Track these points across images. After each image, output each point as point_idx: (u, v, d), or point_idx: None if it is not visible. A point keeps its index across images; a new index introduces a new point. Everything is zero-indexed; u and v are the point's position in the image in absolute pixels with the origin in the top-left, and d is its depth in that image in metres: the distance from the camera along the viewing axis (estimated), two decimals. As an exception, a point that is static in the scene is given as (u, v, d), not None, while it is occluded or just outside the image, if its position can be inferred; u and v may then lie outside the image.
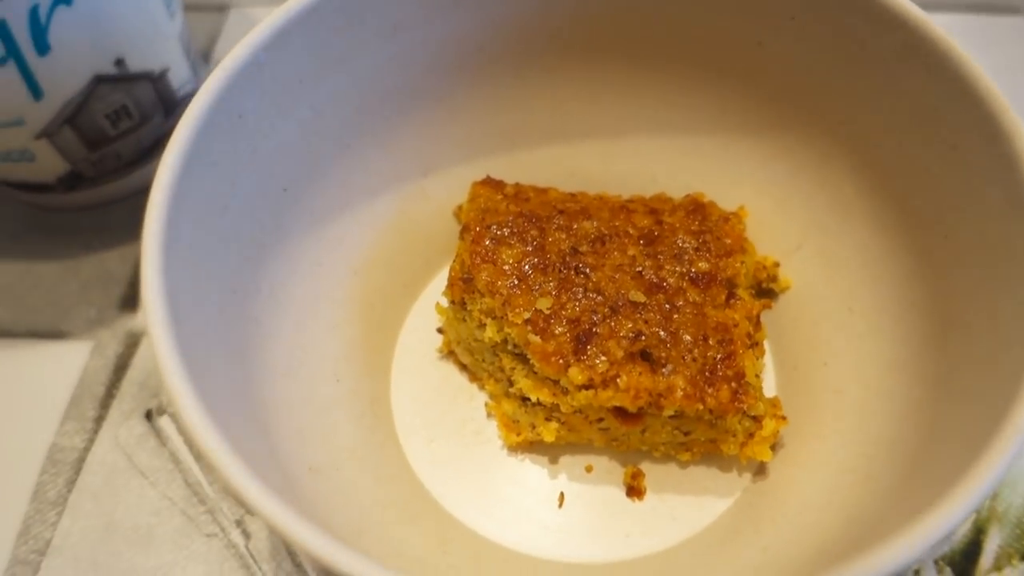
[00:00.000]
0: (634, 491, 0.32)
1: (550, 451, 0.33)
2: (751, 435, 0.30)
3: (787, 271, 0.35)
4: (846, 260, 0.33)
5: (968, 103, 0.27)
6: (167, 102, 0.39)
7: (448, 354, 0.35)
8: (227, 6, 0.50)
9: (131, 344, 0.37)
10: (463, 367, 0.35)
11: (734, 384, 0.29)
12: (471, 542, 0.31)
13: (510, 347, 0.31)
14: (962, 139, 0.27)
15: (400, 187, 0.36)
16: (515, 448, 0.33)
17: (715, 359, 0.29)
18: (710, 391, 0.29)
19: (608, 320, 0.30)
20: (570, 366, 0.29)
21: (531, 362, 0.30)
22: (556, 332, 0.30)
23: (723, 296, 0.31)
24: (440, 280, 0.37)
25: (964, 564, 0.31)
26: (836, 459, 0.30)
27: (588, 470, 0.33)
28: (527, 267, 0.31)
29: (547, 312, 0.30)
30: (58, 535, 0.32)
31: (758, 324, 0.32)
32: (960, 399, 0.26)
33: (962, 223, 0.28)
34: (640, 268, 0.31)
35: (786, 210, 0.35)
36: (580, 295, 0.30)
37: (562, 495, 0.32)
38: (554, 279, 0.31)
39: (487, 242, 0.32)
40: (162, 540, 0.32)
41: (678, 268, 0.31)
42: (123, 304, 0.38)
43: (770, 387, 0.34)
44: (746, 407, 0.29)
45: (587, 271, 0.31)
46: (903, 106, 0.29)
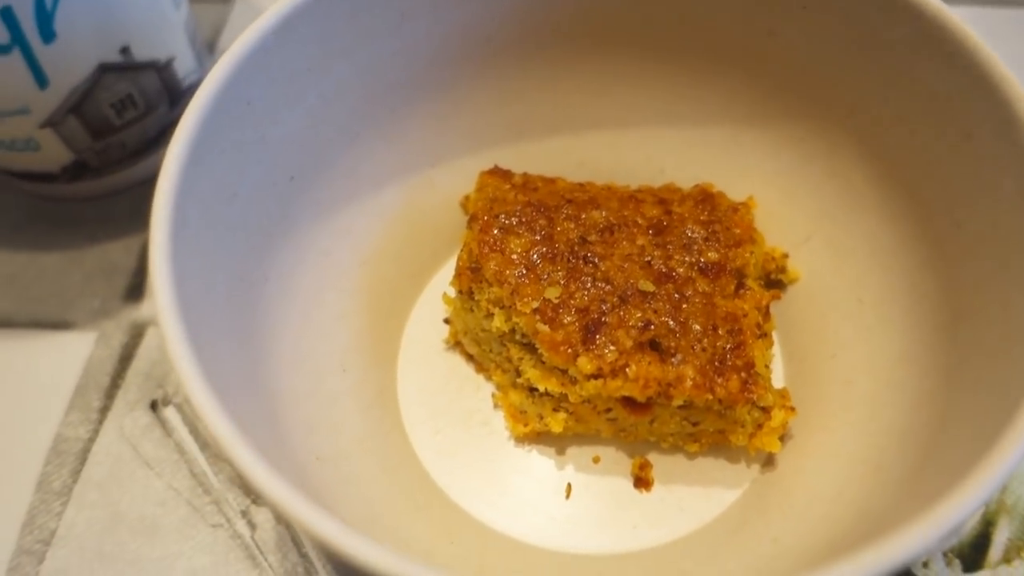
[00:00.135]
0: (642, 482, 0.32)
1: (557, 442, 0.33)
2: (760, 426, 0.30)
3: (796, 262, 0.35)
4: (855, 251, 0.33)
5: (983, 91, 0.27)
6: (172, 92, 0.38)
7: (455, 344, 0.35)
8: (231, -3, 0.50)
9: (136, 335, 0.37)
10: (470, 357, 0.35)
11: (743, 374, 0.29)
12: (478, 533, 0.31)
13: (518, 337, 0.31)
14: (976, 128, 0.27)
15: (407, 177, 0.36)
16: (522, 439, 0.33)
17: (724, 349, 0.29)
18: (719, 381, 0.29)
19: (617, 310, 0.30)
20: (579, 355, 0.29)
21: (539, 352, 0.30)
22: (565, 321, 0.29)
23: (732, 286, 0.31)
24: (447, 271, 0.36)
25: (973, 556, 0.31)
26: (845, 450, 0.30)
27: (595, 461, 0.32)
28: (535, 256, 0.31)
29: (556, 301, 0.30)
30: (63, 525, 0.32)
31: (767, 314, 0.31)
32: (971, 390, 0.26)
33: (974, 213, 0.28)
34: (649, 258, 0.31)
35: (795, 201, 0.35)
36: (589, 284, 0.30)
37: (569, 486, 0.32)
38: (563, 268, 0.31)
39: (495, 231, 0.31)
40: (167, 530, 0.32)
41: (687, 258, 0.31)
42: (127, 294, 0.38)
43: (779, 378, 0.34)
44: (755, 397, 0.29)
45: (596, 260, 0.31)
46: (915, 95, 0.29)
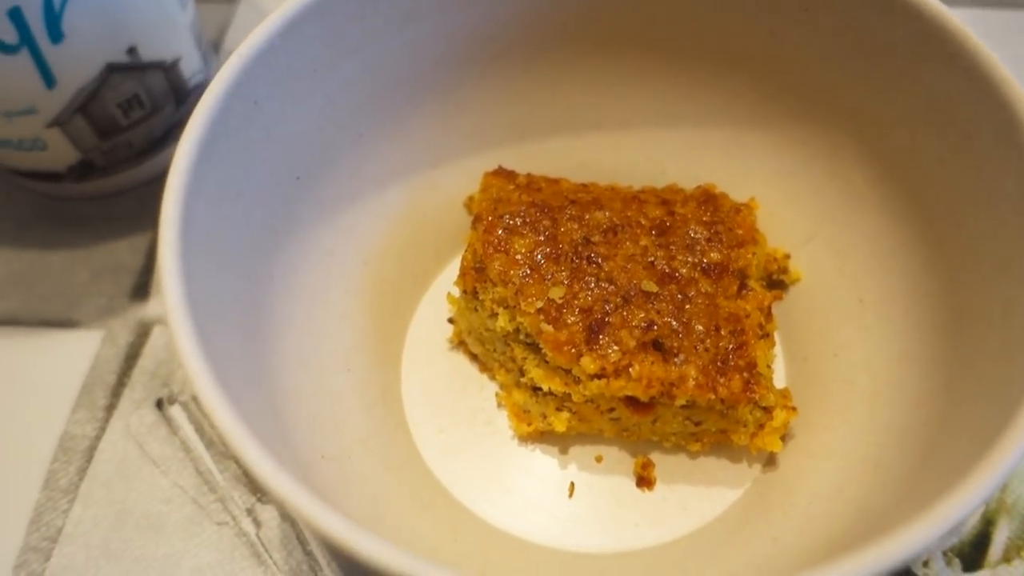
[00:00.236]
0: (644, 481, 0.32)
1: (560, 441, 0.33)
2: (761, 426, 0.30)
3: (798, 263, 0.35)
4: (857, 251, 0.33)
5: (983, 92, 0.27)
6: (179, 92, 0.39)
7: (459, 344, 0.35)
8: (237, -2, 0.50)
9: (142, 333, 0.37)
10: (474, 357, 0.35)
11: (746, 374, 0.29)
12: (481, 531, 0.31)
13: (522, 336, 0.31)
14: (976, 129, 0.27)
15: (411, 177, 0.36)
16: (525, 438, 0.33)
17: (727, 349, 0.29)
18: (722, 381, 0.29)
19: (620, 310, 0.30)
20: (582, 355, 0.29)
21: (543, 351, 0.30)
22: (568, 321, 0.30)
23: (735, 287, 0.31)
24: (450, 271, 0.37)
25: (973, 555, 0.31)
26: (846, 449, 0.30)
27: (598, 460, 0.33)
28: (539, 257, 0.31)
29: (559, 301, 0.30)
30: (70, 523, 0.32)
31: (769, 315, 0.32)
32: (971, 390, 0.26)
33: (975, 214, 0.28)
34: (652, 258, 0.31)
35: (796, 202, 0.35)
36: (592, 285, 0.30)
37: (572, 485, 0.32)
38: (566, 269, 0.31)
39: (499, 232, 0.32)
40: (173, 528, 0.32)
41: (690, 258, 0.31)
42: (134, 293, 0.38)
43: (780, 378, 0.34)
44: (757, 397, 0.29)
45: (599, 261, 0.31)
46: (916, 96, 0.29)
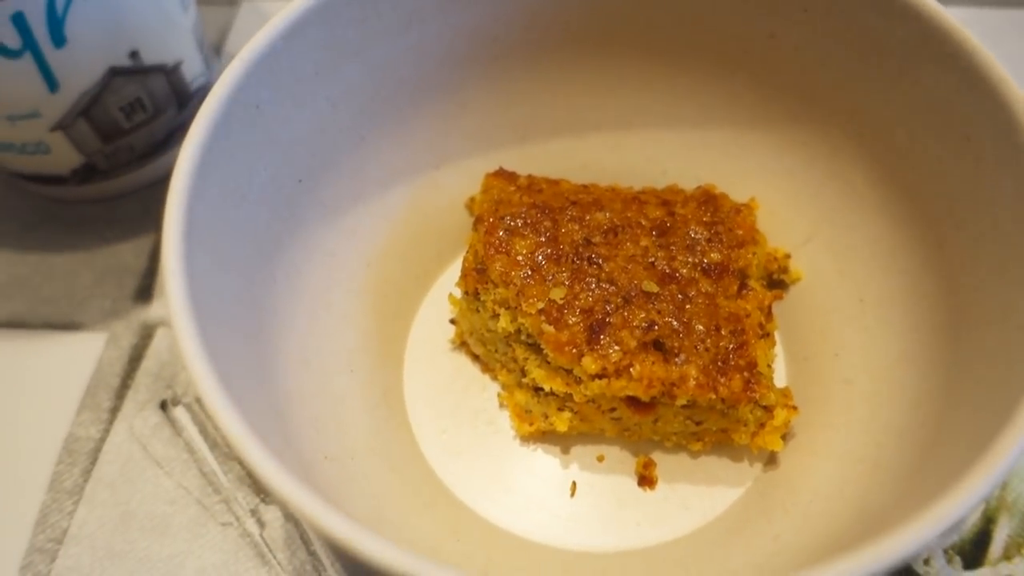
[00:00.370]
0: (645, 480, 0.32)
1: (562, 441, 0.33)
2: (762, 425, 0.31)
3: (798, 263, 0.35)
4: (857, 252, 0.33)
5: (981, 93, 0.27)
6: (180, 95, 0.39)
7: (460, 345, 0.35)
8: (238, 0, 0.50)
9: (145, 335, 0.37)
10: (475, 358, 0.35)
11: (746, 374, 0.29)
12: (483, 530, 0.31)
13: (523, 337, 0.31)
14: (975, 130, 0.28)
15: (413, 179, 0.36)
16: (527, 438, 0.33)
17: (727, 349, 0.30)
18: (722, 380, 0.29)
19: (621, 310, 0.30)
20: (583, 355, 0.29)
21: (544, 352, 0.30)
22: (569, 322, 0.30)
23: (735, 287, 0.31)
24: (452, 272, 0.37)
25: (974, 553, 0.32)
26: (846, 448, 0.30)
27: (600, 460, 0.33)
28: (540, 258, 0.31)
29: (560, 302, 0.30)
30: (75, 524, 0.32)
31: (769, 315, 0.32)
32: (970, 390, 0.27)
33: (974, 214, 0.28)
34: (653, 259, 0.31)
35: (797, 202, 0.35)
36: (593, 285, 0.31)
37: (574, 484, 0.32)
38: (567, 270, 0.31)
39: (500, 233, 0.32)
40: (177, 529, 0.32)
41: (690, 259, 0.31)
42: (137, 295, 0.39)
43: (781, 378, 0.34)
44: (758, 396, 0.29)
45: (600, 262, 0.31)
46: (915, 97, 0.30)
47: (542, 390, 0.31)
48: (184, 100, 0.39)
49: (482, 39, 0.34)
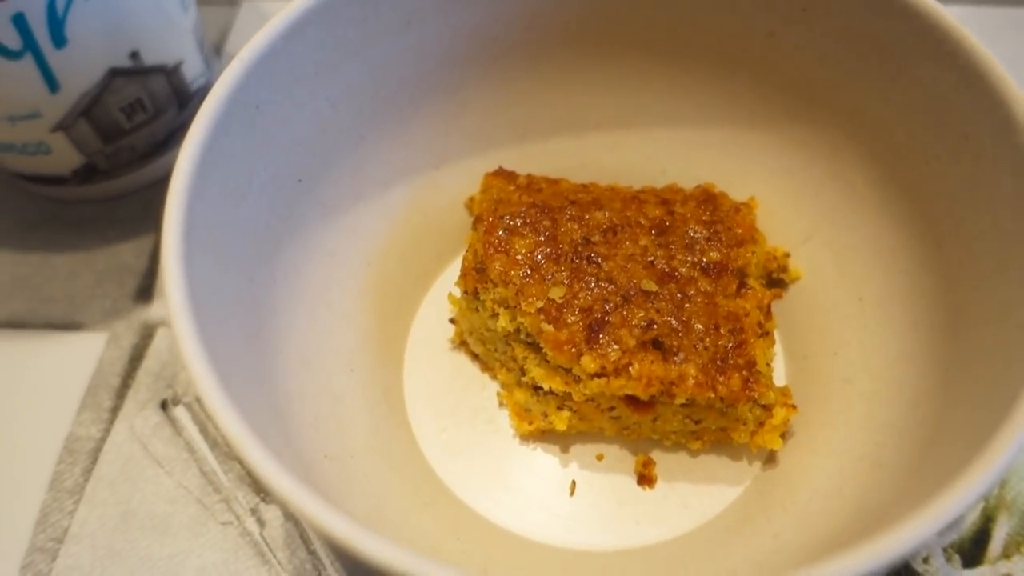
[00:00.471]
0: (645, 479, 0.32)
1: (561, 440, 0.33)
2: (761, 423, 0.31)
3: (797, 262, 0.35)
4: (856, 250, 0.33)
5: (980, 91, 0.27)
6: (181, 95, 0.39)
7: (460, 344, 0.35)
8: (238, 0, 0.50)
9: (146, 335, 0.37)
10: (475, 357, 0.35)
11: (745, 372, 0.29)
12: (483, 529, 0.31)
13: (523, 336, 0.31)
14: (973, 129, 0.28)
15: (412, 178, 0.36)
16: (527, 437, 0.33)
17: (726, 348, 0.30)
18: (721, 379, 0.29)
19: (620, 309, 0.30)
20: (582, 354, 0.29)
21: (544, 351, 0.30)
22: (569, 321, 0.30)
23: (734, 286, 0.31)
24: (452, 271, 0.37)
25: (973, 551, 0.32)
26: (845, 447, 0.30)
27: (599, 459, 0.33)
28: (540, 257, 0.31)
29: (560, 301, 0.30)
30: (75, 523, 0.33)
31: (768, 313, 0.32)
32: (969, 388, 0.27)
33: (973, 213, 0.28)
34: (652, 258, 0.31)
35: (796, 201, 0.35)
36: (592, 284, 0.31)
37: (573, 483, 0.32)
38: (566, 269, 0.31)
39: (500, 232, 0.32)
40: (178, 528, 0.32)
41: (689, 258, 0.32)
42: (138, 295, 0.39)
43: (780, 376, 0.34)
44: (757, 395, 0.29)
45: (599, 261, 0.31)
46: (914, 96, 0.30)
47: (541, 389, 0.31)
48: (184, 100, 0.39)
49: (482, 39, 0.34)
